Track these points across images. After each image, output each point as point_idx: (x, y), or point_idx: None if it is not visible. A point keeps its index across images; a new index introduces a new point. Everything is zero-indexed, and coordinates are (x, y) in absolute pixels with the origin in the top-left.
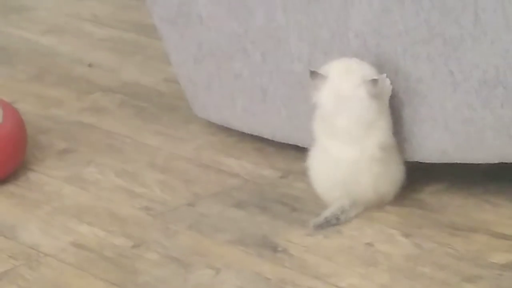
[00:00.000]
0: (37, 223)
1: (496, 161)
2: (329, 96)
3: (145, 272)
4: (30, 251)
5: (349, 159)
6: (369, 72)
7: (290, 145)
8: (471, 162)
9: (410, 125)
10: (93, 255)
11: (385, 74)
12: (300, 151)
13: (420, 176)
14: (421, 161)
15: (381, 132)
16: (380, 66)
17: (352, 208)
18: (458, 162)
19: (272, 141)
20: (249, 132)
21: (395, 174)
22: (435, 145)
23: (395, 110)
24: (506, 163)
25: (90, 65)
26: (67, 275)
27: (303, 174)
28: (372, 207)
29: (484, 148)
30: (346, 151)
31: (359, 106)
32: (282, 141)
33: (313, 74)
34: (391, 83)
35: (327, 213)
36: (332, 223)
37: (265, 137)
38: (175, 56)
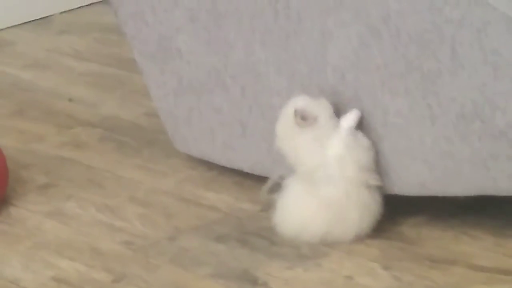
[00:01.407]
0: (18, 258)
1: (474, 194)
2: None
3: None
4: (10, 286)
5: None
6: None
7: (269, 178)
8: (449, 195)
9: (389, 158)
10: None
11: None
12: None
13: (399, 209)
14: (399, 193)
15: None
16: (358, 99)
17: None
18: (437, 195)
19: (252, 174)
20: (229, 166)
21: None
22: (413, 178)
23: (374, 144)
24: (483, 195)
25: (70, 100)
26: None
27: None
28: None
29: (462, 181)
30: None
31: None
32: (262, 175)
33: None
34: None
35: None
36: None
37: (245, 171)
38: (155, 90)
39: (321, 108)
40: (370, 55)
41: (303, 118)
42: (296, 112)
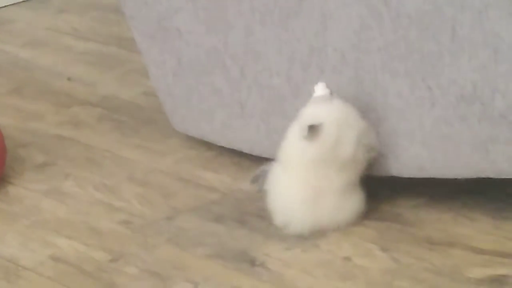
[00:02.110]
0: (16, 237)
1: (473, 176)
2: None
3: (124, 286)
4: (8, 264)
5: None
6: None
7: (267, 158)
8: (448, 177)
9: (388, 140)
10: (72, 268)
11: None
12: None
13: (398, 191)
14: (398, 175)
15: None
16: (358, 80)
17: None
18: (436, 177)
19: (251, 155)
20: (227, 146)
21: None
22: (412, 160)
23: (373, 125)
24: (483, 178)
25: (69, 79)
26: None
27: None
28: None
29: (461, 163)
30: None
31: None
32: (260, 155)
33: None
34: None
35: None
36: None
37: (244, 151)
38: (154, 70)
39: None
40: (371, 36)
41: (315, 134)
42: (308, 134)
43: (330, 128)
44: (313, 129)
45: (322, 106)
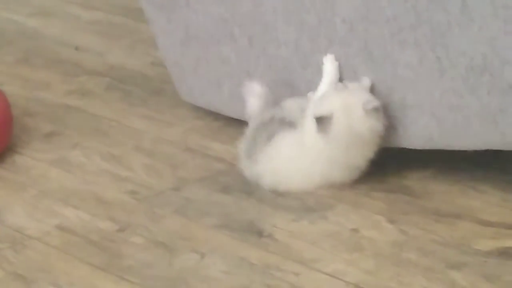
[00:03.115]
0: (23, 206)
1: (482, 148)
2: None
3: (130, 256)
4: (15, 234)
5: None
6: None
7: None
8: (457, 149)
9: (397, 111)
10: (78, 238)
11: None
12: None
13: (406, 163)
14: (406, 147)
15: None
16: (367, 51)
17: None
18: (444, 148)
19: None
20: (235, 117)
21: None
22: (421, 131)
23: (382, 96)
24: (491, 150)
25: (77, 48)
26: (52, 258)
27: None
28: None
29: (470, 135)
30: None
31: None
32: None
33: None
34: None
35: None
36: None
37: None
38: (162, 40)
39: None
40: (380, 7)
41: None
42: (319, 127)
43: (339, 118)
44: (322, 121)
45: (331, 95)
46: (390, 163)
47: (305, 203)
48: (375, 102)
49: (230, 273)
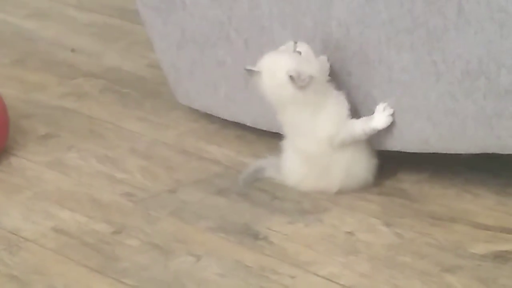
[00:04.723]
0: (18, 208)
1: (477, 152)
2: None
3: (126, 259)
4: (10, 236)
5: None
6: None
7: (271, 132)
8: (452, 152)
9: (393, 114)
10: (74, 240)
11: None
12: (281, 138)
13: (402, 166)
14: (402, 150)
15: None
16: (363, 55)
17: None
18: (440, 152)
19: (254, 128)
20: (231, 119)
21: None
22: (416, 134)
23: (378, 100)
24: (487, 153)
25: (72, 50)
26: (47, 261)
27: None
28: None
29: (465, 139)
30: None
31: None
32: (264, 129)
33: (249, 72)
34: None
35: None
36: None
37: (247, 124)
38: (158, 42)
39: (313, 66)
40: (376, 10)
41: (300, 80)
42: (292, 78)
43: (265, 77)
44: (252, 74)
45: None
46: (386, 166)
47: (300, 206)
48: (296, 72)
49: (225, 275)
